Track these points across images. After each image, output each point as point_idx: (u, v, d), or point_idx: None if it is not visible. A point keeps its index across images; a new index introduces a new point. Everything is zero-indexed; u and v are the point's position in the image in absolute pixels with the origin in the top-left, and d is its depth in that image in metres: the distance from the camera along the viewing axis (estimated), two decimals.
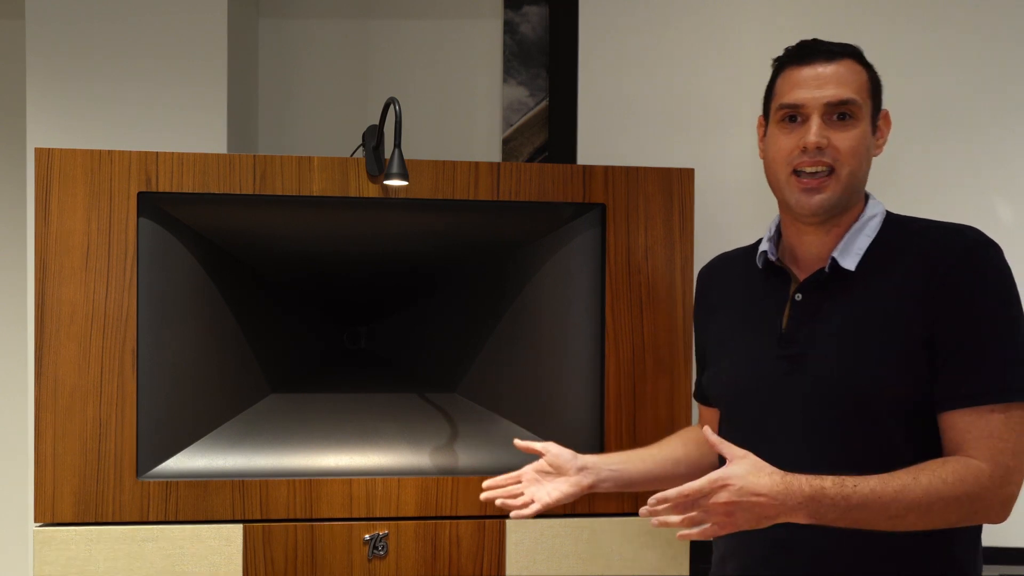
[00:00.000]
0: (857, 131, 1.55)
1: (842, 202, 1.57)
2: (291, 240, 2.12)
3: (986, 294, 1.48)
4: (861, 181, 1.58)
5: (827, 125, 1.55)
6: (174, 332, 2.02)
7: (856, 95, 1.55)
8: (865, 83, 1.58)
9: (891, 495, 1.41)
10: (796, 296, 1.59)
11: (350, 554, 2.03)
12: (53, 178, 1.97)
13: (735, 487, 1.40)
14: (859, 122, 1.56)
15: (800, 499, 1.40)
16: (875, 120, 1.60)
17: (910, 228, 1.58)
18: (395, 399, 2.21)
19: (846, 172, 1.55)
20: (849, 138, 1.55)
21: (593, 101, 2.63)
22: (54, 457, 1.96)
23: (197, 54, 2.37)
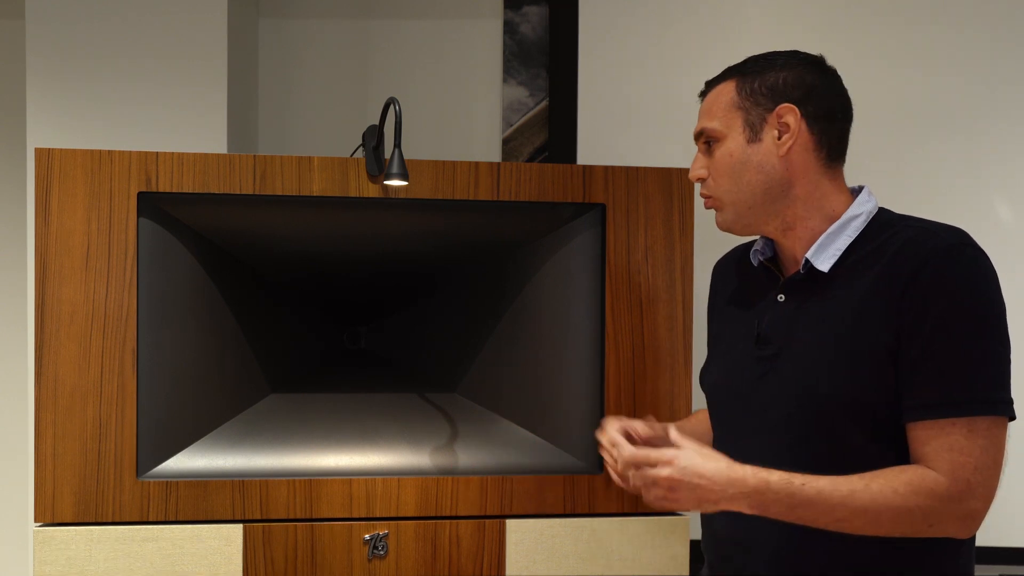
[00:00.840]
0: (720, 152, 1.59)
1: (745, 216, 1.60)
2: (291, 240, 2.12)
3: (951, 300, 1.43)
4: (753, 190, 1.57)
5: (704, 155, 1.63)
6: (174, 332, 2.02)
7: (711, 121, 1.61)
8: (729, 99, 1.59)
9: (839, 498, 1.42)
10: (779, 297, 1.60)
11: (350, 554, 2.03)
12: (53, 178, 1.97)
13: (679, 465, 1.44)
14: (721, 142, 1.59)
15: (742, 488, 1.43)
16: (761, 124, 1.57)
17: (893, 228, 1.54)
18: (395, 399, 2.21)
19: (722, 192, 1.60)
20: (713, 162, 1.61)
21: (593, 101, 2.63)
22: (54, 457, 1.96)
23: (197, 54, 2.37)
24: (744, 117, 1.58)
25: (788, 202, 1.58)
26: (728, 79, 1.61)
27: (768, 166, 1.57)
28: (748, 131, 1.57)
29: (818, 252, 1.55)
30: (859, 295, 1.49)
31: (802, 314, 1.56)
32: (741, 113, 1.58)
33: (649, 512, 2.11)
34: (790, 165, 1.56)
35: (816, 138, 1.57)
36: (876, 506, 1.41)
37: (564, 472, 2.10)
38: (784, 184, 1.57)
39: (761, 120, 1.57)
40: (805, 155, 1.56)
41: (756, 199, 1.58)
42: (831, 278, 1.54)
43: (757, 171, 1.57)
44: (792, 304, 1.58)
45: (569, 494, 2.09)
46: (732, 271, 1.79)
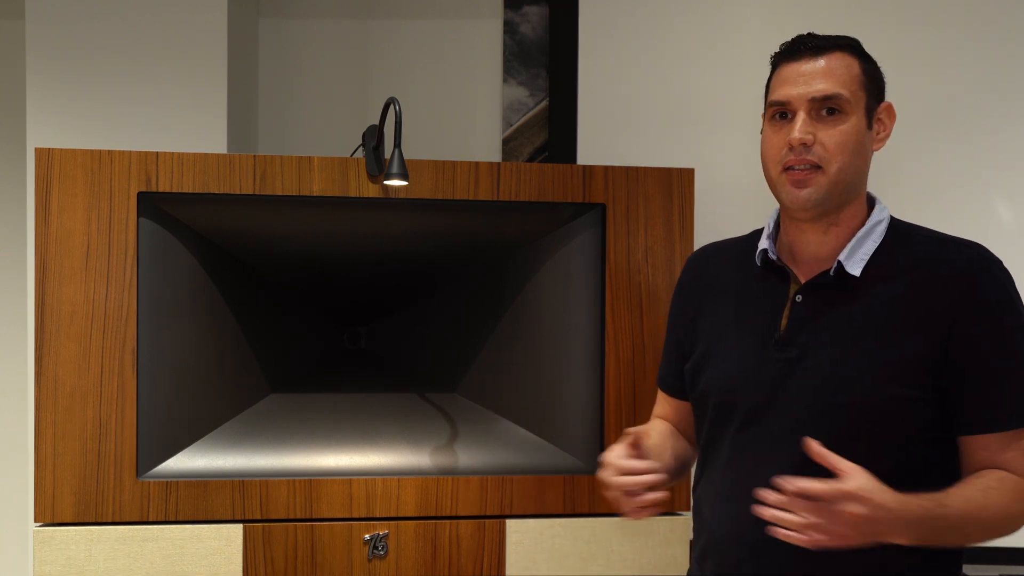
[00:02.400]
0: (846, 126, 1.51)
1: (833, 198, 1.52)
2: (291, 240, 2.12)
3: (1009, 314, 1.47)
4: (855, 177, 1.53)
5: (815, 120, 1.51)
6: (174, 332, 2.02)
7: (843, 89, 1.51)
8: (857, 76, 1.53)
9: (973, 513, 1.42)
10: (796, 297, 1.56)
11: (350, 554, 2.03)
12: (53, 178, 1.97)
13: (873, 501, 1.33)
14: (848, 116, 1.51)
15: (910, 517, 1.37)
16: (872, 114, 1.55)
17: (915, 238, 1.55)
18: (395, 399, 2.21)
19: (834, 168, 1.50)
20: (836, 133, 1.51)
21: (593, 101, 2.63)
22: (54, 457, 1.96)
23: (197, 54, 2.37)
24: (867, 101, 1.54)
25: (854, 195, 1.55)
26: (847, 53, 1.54)
27: (867, 157, 1.55)
28: (866, 117, 1.54)
29: (851, 255, 1.53)
30: (892, 302, 1.49)
31: (826, 317, 1.52)
32: (865, 95, 1.54)
33: None
34: (870, 162, 1.56)
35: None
36: (998, 516, 1.44)
37: (564, 472, 2.09)
38: (864, 177, 1.56)
39: (873, 110, 1.55)
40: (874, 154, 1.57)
41: (851, 184, 1.53)
42: (858, 282, 1.52)
43: (865, 160, 1.55)
44: (813, 305, 1.54)
45: (569, 494, 2.09)
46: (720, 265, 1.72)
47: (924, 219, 2.31)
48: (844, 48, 1.55)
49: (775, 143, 1.56)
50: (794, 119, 1.53)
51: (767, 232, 1.64)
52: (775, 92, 1.58)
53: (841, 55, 1.54)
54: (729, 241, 1.74)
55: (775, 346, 1.55)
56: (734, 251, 1.70)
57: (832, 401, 1.49)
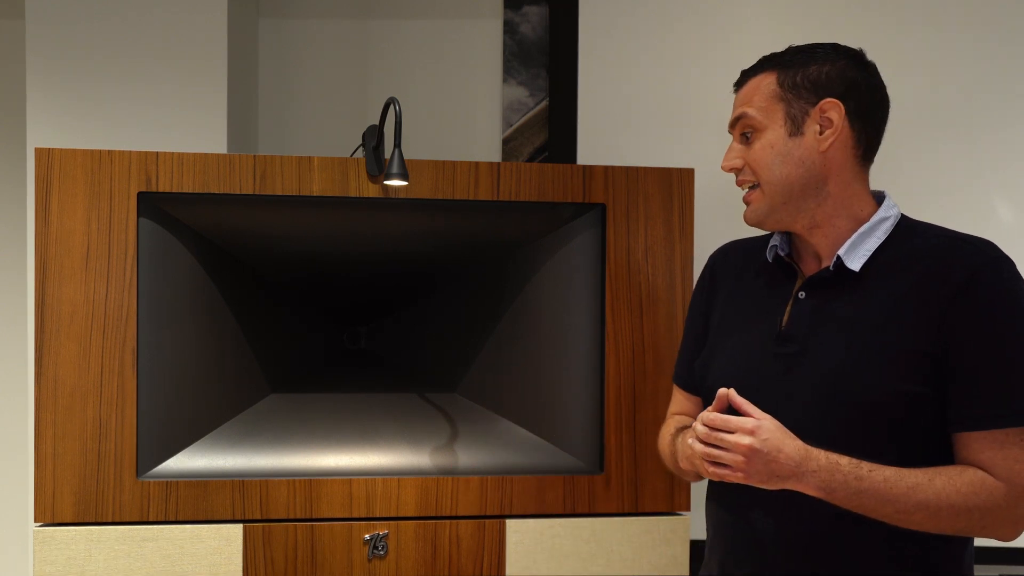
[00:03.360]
0: (759, 142, 1.57)
1: (779, 209, 1.58)
2: (291, 240, 2.12)
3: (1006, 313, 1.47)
4: (793, 186, 1.56)
5: (743, 143, 1.60)
6: (174, 332, 2.02)
7: (749, 108, 1.58)
8: (771, 90, 1.57)
9: (903, 489, 1.43)
10: (799, 294, 1.58)
11: (350, 554, 2.03)
12: (53, 178, 1.97)
13: (762, 436, 1.43)
14: (761, 132, 1.57)
15: (815, 467, 1.43)
16: (801, 118, 1.55)
17: (924, 235, 1.55)
18: (395, 399, 2.21)
19: (764, 183, 1.58)
20: (752, 152, 1.58)
21: (593, 101, 2.63)
22: (54, 457, 1.96)
23: (197, 54, 2.37)
24: (786, 109, 1.56)
25: (820, 199, 1.57)
26: (767, 70, 1.59)
27: (808, 161, 1.55)
28: (790, 124, 1.56)
29: (850, 250, 1.55)
30: (894, 298, 1.50)
31: (827, 312, 1.55)
32: (783, 105, 1.56)
33: (649, 512, 2.11)
34: (828, 161, 1.55)
35: (855, 135, 1.56)
36: (938, 502, 1.43)
37: (564, 472, 2.10)
38: (820, 180, 1.56)
39: (803, 113, 1.55)
40: (843, 152, 1.56)
41: (792, 193, 1.56)
42: (859, 278, 1.54)
43: (797, 165, 1.56)
44: (815, 302, 1.56)
45: (569, 494, 2.09)
46: (738, 263, 1.76)
47: (924, 218, 2.31)
48: (763, 70, 1.60)
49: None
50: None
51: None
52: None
53: (758, 78, 1.60)
54: (750, 239, 1.78)
55: (777, 341, 1.58)
56: (752, 249, 1.74)
57: (832, 396, 1.51)
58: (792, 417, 1.51)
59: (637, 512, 2.11)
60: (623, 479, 2.11)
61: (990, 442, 1.46)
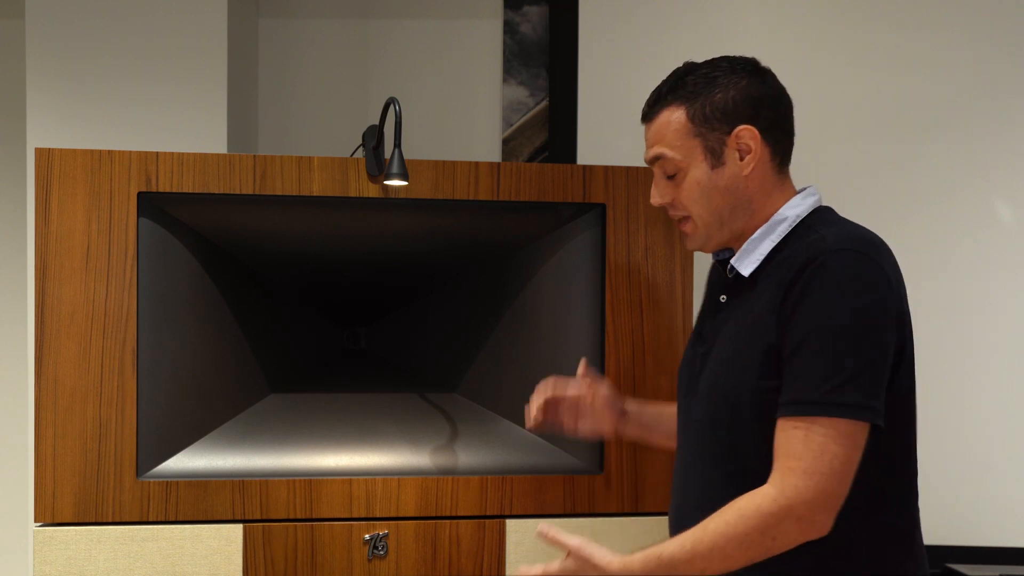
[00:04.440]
0: (685, 182, 1.58)
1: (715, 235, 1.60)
2: (291, 240, 2.12)
3: (816, 302, 1.44)
4: (725, 213, 1.58)
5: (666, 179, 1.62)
6: (174, 332, 2.02)
7: (665, 148, 1.59)
8: (682, 126, 1.58)
9: (689, 551, 1.46)
10: (721, 297, 1.63)
11: (350, 554, 2.03)
12: (53, 178, 1.97)
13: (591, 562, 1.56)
14: (683, 171, 1.58)
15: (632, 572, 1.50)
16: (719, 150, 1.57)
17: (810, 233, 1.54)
18: (395, 399, 2.21)
19: (695, 216, 1.60)
20: (681, 190, 1.59)
21: (593, 101, 2.63)
22: (54, 457, 1.96)
23: (197, 54, 2.37)
24: (703, 144, 1.57)
25: (748, 215, 1.59)
26: (673, 104, 1.59)
27: (734, 187, 1.57)
28: (710, 157, 1.57)
29: (742, 257, 1.58)
30: (762, 298, 1.52)
31: (730, 316, 1.59)
32: (699, 140, 1.57)
33: (649, 512, 2.11)
34: (751, 183, 1.57)
35: (771, 149, 1.58)
36: (719, 543, 1.45)
37: (564, 472, 2.10)
38: (746, 200, 1.58)
39: (720, 144, 1.56)
40: (763, 169, 1.58)
41: (724, 219, 1.59)
42: (752, 282, 1.57)
43: (724, 194, 1.57)
44: (729, 305, 1.61)
45: (569, 494, 2.09)
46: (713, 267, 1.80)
47: (924, 219, 2.32)
48: (668, 103, 1.60)
49: None
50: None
51: None
52: None
53: (666, 112, 1.60)
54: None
55: (699, 341, 1.65)
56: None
57: (711, 394, 1.57)
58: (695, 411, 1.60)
59: (637, 512, 2.11)
60: (623, 479, 2.11)
61: (781, 433, 1.45)
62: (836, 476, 1.42)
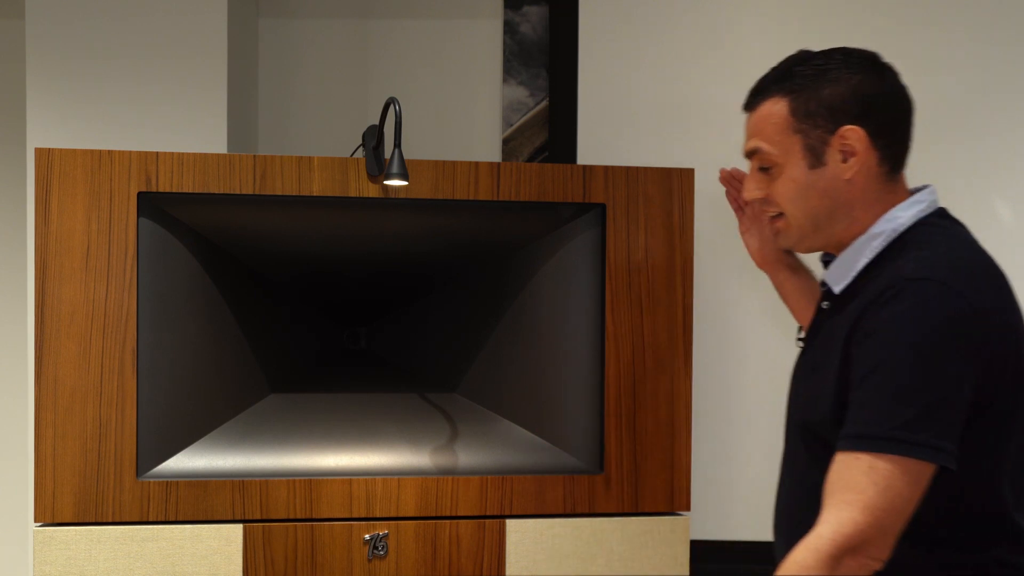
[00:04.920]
0: (779, 180, 1.50)
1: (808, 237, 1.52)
2: (291, 240, 2.12)
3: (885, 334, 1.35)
4: (820, 218, 1.49)
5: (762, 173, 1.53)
6: (174, 332, 2.02)
7: (764, 142, 1.50)
8: (783, 120, 1.48)
9: None
10: (823, 304, 1.55)
11: (350, 554, 2.03)
12: (53, 178, 1.97)
13: None
14: (780, 168, 1.49)
15: None
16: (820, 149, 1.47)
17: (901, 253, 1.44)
18: (395, 399, 2.21)
19: (789, 216, 1.52)
20: (775, 186, 1.51)
21: (593, 101, 2.63)
22: (54, 457, 1.96)
23: (197, 54, 2.37)
24: (803, 142, 1.47)
25: (848, 223, 1.49)
26: (777, 95, 1.49)
27: (833, 191, 1.47)
28: (810, 156, 1.47)
29: (834, 272, 1.50)
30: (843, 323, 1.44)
31: (823, 328, 1.52)
32: (800, 137, 1.47)
33: (649, 512, 2.11)
34: (853, 188, 1.47)
35: (879, 154, 1.47)
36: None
37: (564, 472, 2.10)
38: (847, 207, 1.48)
39: (823, 143, 1.46)
40: (867, 175, 1.47)
41: (820, 222, 1.50)
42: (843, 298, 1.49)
43: (822, 197, 1.48)
44: (826, 315, 1.53)
45: (569, 494, 2.09)
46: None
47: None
48: (772, 94, 1.50)
49: None
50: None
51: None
52: None
53: (768, 104, 1.51)
54: None
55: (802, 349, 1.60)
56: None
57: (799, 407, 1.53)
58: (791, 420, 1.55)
59: (637, 512, 2.11)
60: (623, 479, 2.11)
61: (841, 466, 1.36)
62: (896, 513, 1.33)
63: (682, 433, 2.12)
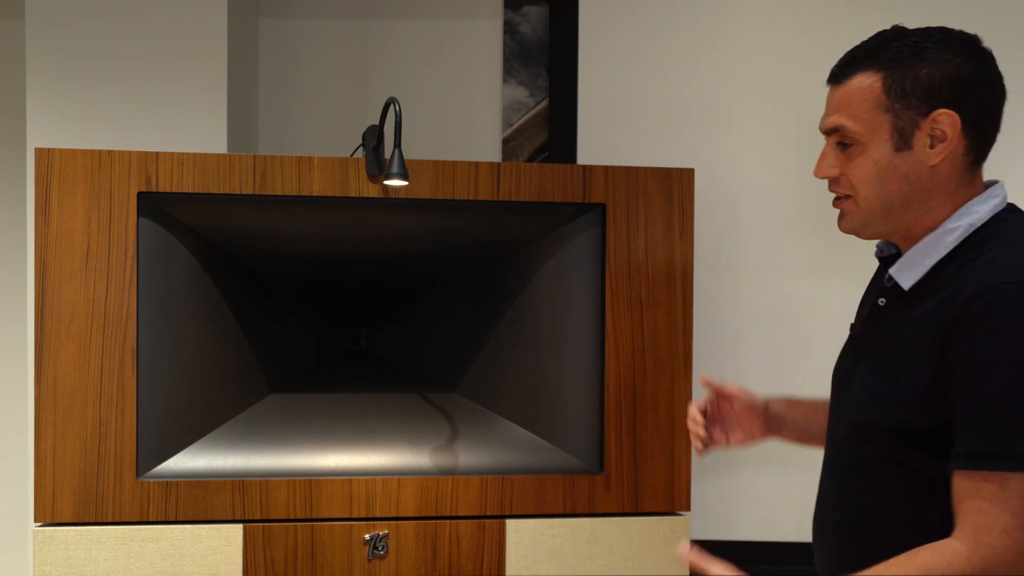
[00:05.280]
0: (860, 158, 1.41)
1: (876, 222, 1.43)
2: (291, 240, 2.12)
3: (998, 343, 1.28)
4: (894, 203, 1.41)
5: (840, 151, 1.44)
6: (174, 332, 2.02)
7: (850, 119, 1.41)
8: (875, 97, 1.40)
9: None
10: (880, 300, 1.48)
11: (350, 554, 2.03)
12: (53, 178, 1.97)
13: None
14: (862, 147, 1.41)
15: None
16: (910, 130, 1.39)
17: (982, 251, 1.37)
18: (395, 399, 2.21)
19: (861, 199, 1.42)
20: (852, 167, 1.42)
21: (593, 101, 2.63)
22: (54, 457, 1.96)
23: (197, 54, 2.37)
24: (893, 122, 1.39)
25: (921, 213, 1.42)
26: (869, 69, 1.40)
27: (915, 176, 1.40)
28: (896, 138, 1.39)
29: (904, 268, 1.43)
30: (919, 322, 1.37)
31: (885, 325, 1.44)
32: (889, 117, 1.39)
33: (649, 512, 2.11)
34: (935, 175, 1.40)
35: (968, 144, 1.40)
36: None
37: (564, 472, 2.09)
38: (925, 195, 1.41)
39: (913, 125, 1.38)
40: (952, 164, 1.40)
41: (893, 209, 1.42)
42: (911, 296, 1.41)
43: (902, 181, 1.40)
44: (885, 312, 1.46)
45: (569, 494, 2.09)
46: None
47: None
48: (865, 67, 1.42)
49: None
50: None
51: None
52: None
53: (862, 76, 1.41)
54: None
55: (852, 343, 1.52)
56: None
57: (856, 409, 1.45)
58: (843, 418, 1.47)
59: (637, 512, 2.11)
60: (623, 479, 2.11)
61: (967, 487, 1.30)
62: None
63: (682, 433, 2.12)
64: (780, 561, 2.58)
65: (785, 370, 2.58)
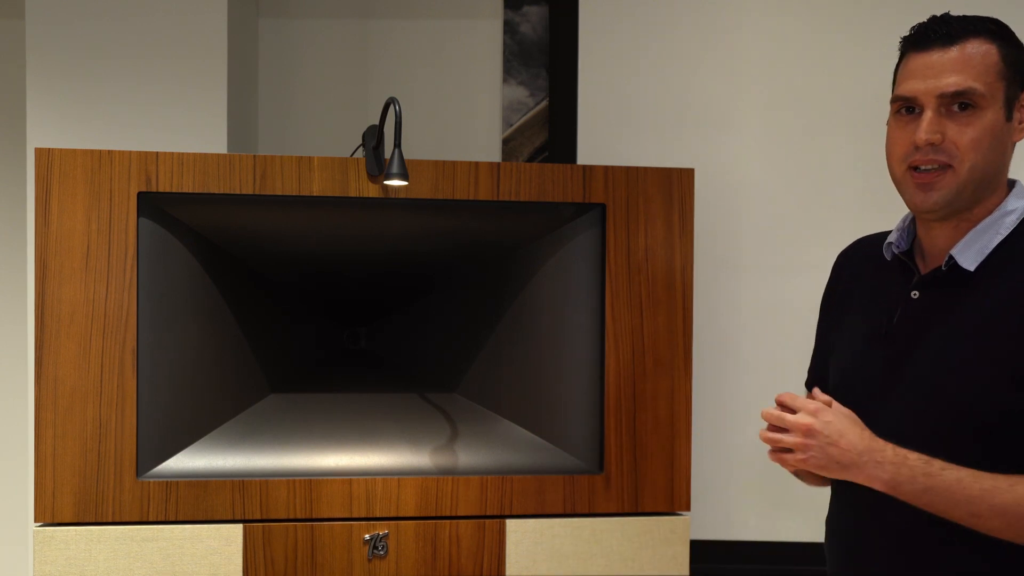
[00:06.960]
0: (981, 122, 1.40)
1: (963, 197, 1.43)
2: (291, 240, 2.12)
3: None
4: (988, 174, 1.42)
5: (945, 117, 1.42)
6: (174, 332, 2.02)
7: (976, 82, 1.39)
8: (995, 64, 1.40)
9: (978, 491, 1.33)
10: (912, 293, 1.48)
11: (350, 554, 2.03)
12: (53, 178, 1.97)
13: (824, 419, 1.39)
14: (983, 111, 1.40)
15: (880, 458, 1.36)
16: (1013, 103, 1.42)
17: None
18: (395, 399, 2.21)
19: (966, 167, 1.41)
20: (969, 130, 1.40)
21: (593, 101, 2.63)
22: (54, 457, 1.96)
23: (197, 54, 2.37)
24: (1005, 90, 1.40)
25: (991, 189, 1.44)
26: (984, 37, 1.41)
27: (1006, 150, 1.43)
28: (1006, 108, 1.41)
29: (965, 248, 1.43)
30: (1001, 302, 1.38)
31: (938, 314, 1.44)
32: (1003, 85, 1.40)
33: (649, 512, 2.11)
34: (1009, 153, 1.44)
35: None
36: (1018, 508, 1.32)
37: (564, 472, 2.10)
38: (1003, 171, 1.44)
39: (1014, 99, 1.42)
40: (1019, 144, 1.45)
41: (986, 180, 1.42)
42: (973, 278, 1.42)
43: (1001, 153, 1.42)
44: (927, 302, 1.46)
45: (569, 494, 2.09)
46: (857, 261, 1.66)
47: None
48: (981, 33, 1.42)
49: (901, 140, 1.46)
50: (921, 115, 1.43)
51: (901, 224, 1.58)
52: (901, 85, 1.47)
53: (977, 42, 1.41)
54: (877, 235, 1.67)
55: (883, 342, 1.50)
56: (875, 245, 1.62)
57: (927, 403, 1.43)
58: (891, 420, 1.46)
59: (637, 512, 2.11)
60: (623, 479, 2.11)
61: None
62: None
63: (682, 433, 2.12)
64: (780, 561, 2.58)
65: (784, 370, 2.58)
